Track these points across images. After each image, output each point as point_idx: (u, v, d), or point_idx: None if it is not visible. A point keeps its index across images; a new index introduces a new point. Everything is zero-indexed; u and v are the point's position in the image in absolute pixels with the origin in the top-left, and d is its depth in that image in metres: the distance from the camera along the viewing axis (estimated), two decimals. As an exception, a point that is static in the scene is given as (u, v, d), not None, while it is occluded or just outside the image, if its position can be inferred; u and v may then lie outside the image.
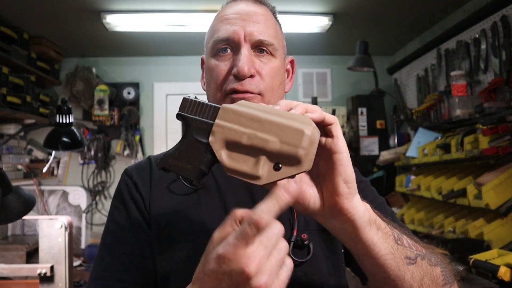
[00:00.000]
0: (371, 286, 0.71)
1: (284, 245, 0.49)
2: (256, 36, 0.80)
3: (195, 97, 0.60)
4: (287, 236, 0.76)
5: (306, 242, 0.77)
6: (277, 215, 0.48)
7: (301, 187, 0.59)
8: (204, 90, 0.89)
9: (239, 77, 0.78)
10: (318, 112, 0.56)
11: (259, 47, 0.81)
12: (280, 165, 0.52)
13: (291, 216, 0.80)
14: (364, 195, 0.78)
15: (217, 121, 0.55)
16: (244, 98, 0.78)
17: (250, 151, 0.53)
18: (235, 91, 0.79)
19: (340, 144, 0.57)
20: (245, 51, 0.79)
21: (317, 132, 0.53)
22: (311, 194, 0.59)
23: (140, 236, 0.80)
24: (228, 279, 0.47)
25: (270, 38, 0.82)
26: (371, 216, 0.61)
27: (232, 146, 0.54)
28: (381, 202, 0.89)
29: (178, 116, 0.60)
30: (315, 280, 0.77)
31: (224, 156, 0.54)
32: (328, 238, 0.81)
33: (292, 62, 0.93)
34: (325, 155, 0.58)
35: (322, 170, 0.59)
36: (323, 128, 0.57)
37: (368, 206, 0.62)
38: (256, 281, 0.47)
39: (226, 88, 0.80)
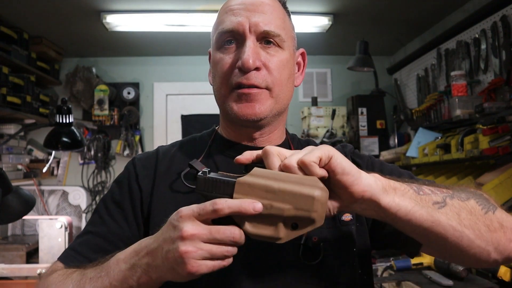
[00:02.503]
0: (424, 250, 0.72)
1: (227, 250, 0.58)
2: (261, 26, 0.77)
3: (208, 172, 0.64)
4: (298, 240, 0.75)
5: (317, 245, 0.76)
6: (236, 212, 0.57)
7: None
8: (211, 85, 0.87)
9: (244, 70, 0.76)
10: (314, 168, 0.58)
11: (265, 39, 0.78)
12: (297, 224, 0.59)
13: None
14: (372, 169, 0.83)
15: (235, 195, 0.60)
16: (250, 93, 0.77)
17: (269, 218, 0.59)
18: (241, 86, 0.77)
19: (333, 162, 0.59)
20: (250, 42, 0.76)
21: (325, 192, 0.59)
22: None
23: (121, 225, 0.81)
24: (171, 230, 0.59)
25: (276, 29, 0.78)
26: (384, 184, 0.63)
27: (253, 216, 0.60)
28: (393, 168, 0.88)
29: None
30: (326, 277, 0.77)
31: (247, 226, 0.60)
32: (341, 235, 0.80)
33: (303, 54, 0.90)
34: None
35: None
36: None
37: (377, 175, 0.64)
38: (182, 244, 0.57)
39: (232, 82, 0.78)
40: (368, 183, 0.61)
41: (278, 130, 0.87)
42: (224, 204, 0.57)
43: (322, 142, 3.06)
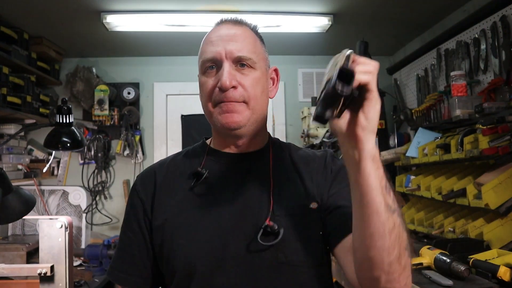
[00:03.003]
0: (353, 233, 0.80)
1: None
2: (235, 53, 0.93)
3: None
4: (260, 224, 0.90)
5: (276, 228, 0.89)
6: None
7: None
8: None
9: (223, 89, 0.92)
10: (366, 76, 0.70)
11: (239, 62, 0.94)
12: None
13: (268, 207, 0.92)
14: (335, 175, 0.98)
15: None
16: (229, 105, 0.93)
17: None
18: (222, 101, 0.93)
19: (373, 88, 0.70)
20: (227, 66, 0.93)
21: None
22: (344, 118, 0.72)
23: (137, 239, 0.99)
24: None
25: (248, 53, 0.94)
26: (376, 155, 0.73)
27: None
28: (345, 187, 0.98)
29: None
30: (295, 259, 0.90)
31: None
32: (302, 222, 0.93)
33: (276, 70, 1.05)
34: (360, 94, 0.70)
35: (357, 105, 0.71)
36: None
37: (377, 151, 0.74)
38: None
39: (215, 99, 0.94)
40: (369, 142, 0.72)
41: (259, 136, 1.02)
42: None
43: (322, 142, 3.06)
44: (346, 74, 0.67)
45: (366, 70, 0.70)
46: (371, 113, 0.71)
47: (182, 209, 0.96)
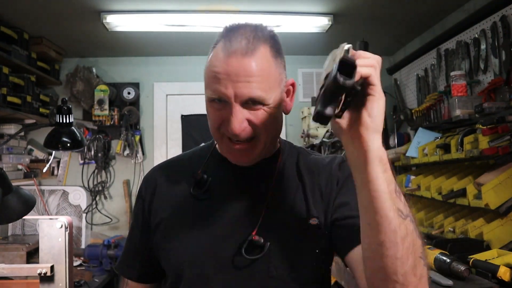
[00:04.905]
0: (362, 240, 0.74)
1: None
2: (246, 95, 0.82)
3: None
4: (245, 237, 0.86)
5: (261, 242, 0.85)
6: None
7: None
8: None
9: (232, 136, 0.85)
10: (367, 69, 0.65)
11: (250, 101, 0.83)
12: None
13: (255, 220, 0.88)
14: (341, 185, 0.92)
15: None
16: (239, 149, 0.88)
17: None
18: (230, 140, 0.87)
19: (376, 82, 0.66)
20: (236, 111, 0.82)
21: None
22: (346, 117, 0.68)
23: (140, 237, 1.02)
24: None
25: (261, 93, 0.82)
26: (382, 157, 0.67)
27: None
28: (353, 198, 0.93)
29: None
30: (285, 275, 0.86)
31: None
32: (297, 237, 0.89)
33: (293, 84, 0.94)
34: (362, 90, 0.66)
35: (359, 103, 0.66)
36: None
37: (384, 152, 0.68)
38: None
39: (224, 132, 0.87)
40: (374, 142, 0.66)
41: (270, 147, 0.96)
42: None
43: (322, 142, 3.06)
44: (347, 66, 0.60)
45: (368, 63, 0.65)
46: (375, 110, 0.65)
47: (179, 211, 0.95)
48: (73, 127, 1.68)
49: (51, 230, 1.08)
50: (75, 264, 2.84)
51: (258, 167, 0.94)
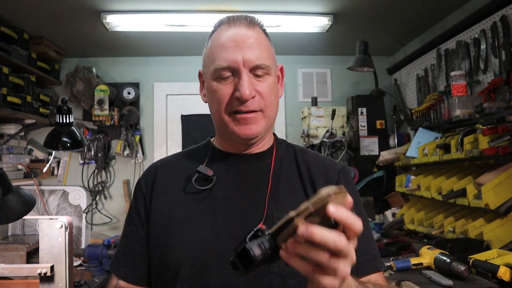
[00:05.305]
0: None
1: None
2: (253, 61, 0.89)
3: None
4: (253, 228, 0.83)
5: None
6: None
7: None
8: (204, 102, 1.02)
9: (242, 100, 0.89)
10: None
11: (257, 69, 0.90)
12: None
13: (263, 211, 0.90)
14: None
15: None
16: (247, 118, 0.91)
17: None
18: (239, 112, 0.90)
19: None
20: (245, 76, 0.89)
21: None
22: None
23: (133, 229, 0.99)
24: None
25: (265, 61, 0.91)
26: None
27: None
28: (361, 212, 0.94)
29: None
30: (287, 271, 0.84)
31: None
32: None
33: (281, 69, 1.02)
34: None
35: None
36: None
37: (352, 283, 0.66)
38: None
39: (231, 110, 0.91)
40: None
41: (266, 138, 1.01)
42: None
43: (322, 142, 3.06)
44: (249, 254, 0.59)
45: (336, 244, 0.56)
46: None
47: (179, 206, 0.95)
48: (73, 127, 1.68)
49: (51, 230, 1.08)
50: (75, 264, 2.84)
51: (254, 161, 0.98)
